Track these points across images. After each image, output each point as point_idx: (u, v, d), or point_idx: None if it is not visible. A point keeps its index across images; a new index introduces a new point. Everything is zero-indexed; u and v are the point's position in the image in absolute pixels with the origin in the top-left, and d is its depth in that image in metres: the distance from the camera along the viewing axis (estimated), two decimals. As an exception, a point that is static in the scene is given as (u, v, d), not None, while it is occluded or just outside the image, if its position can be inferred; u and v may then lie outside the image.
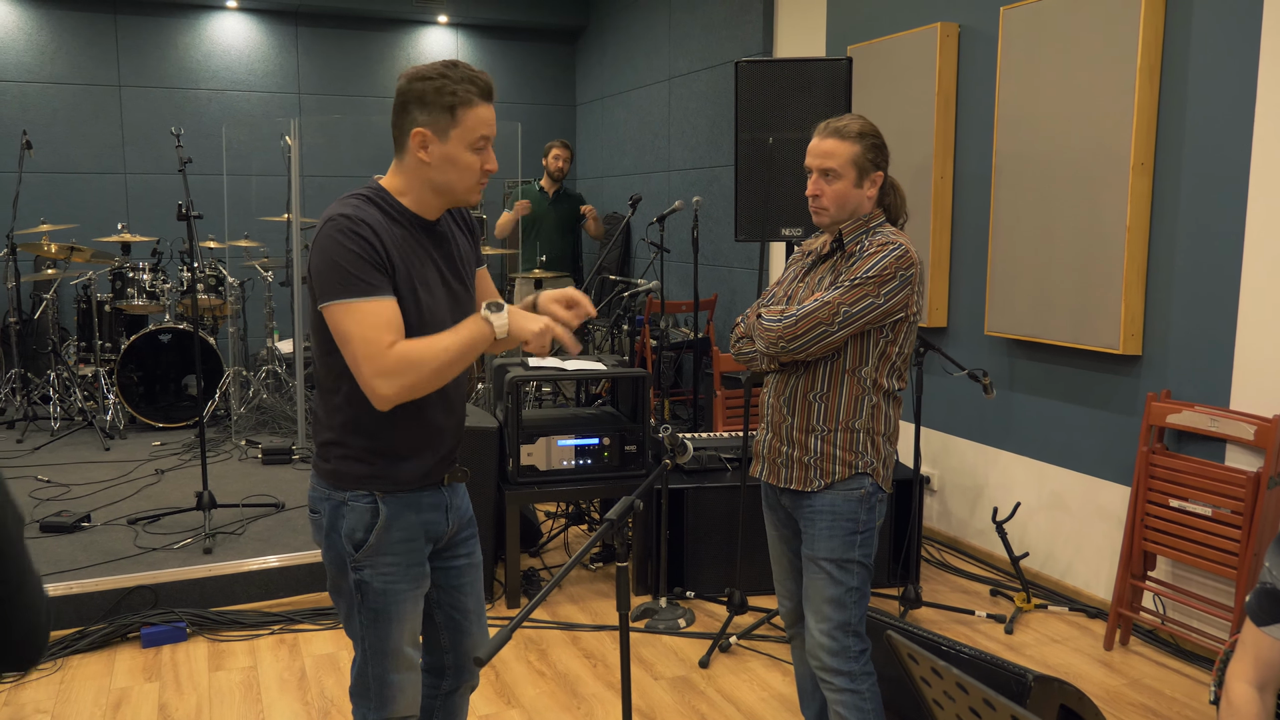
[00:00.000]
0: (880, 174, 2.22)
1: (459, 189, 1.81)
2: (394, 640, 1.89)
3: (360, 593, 1.86)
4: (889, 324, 2.16)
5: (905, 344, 2.21)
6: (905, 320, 2.18)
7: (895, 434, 2.27)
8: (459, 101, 1.75)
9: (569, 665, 3.26)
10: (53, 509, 4.24)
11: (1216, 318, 3.24)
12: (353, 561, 1.85)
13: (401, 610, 1.88)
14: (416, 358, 1.70)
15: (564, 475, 3.75)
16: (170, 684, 3.10)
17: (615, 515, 1.73)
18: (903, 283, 2.13)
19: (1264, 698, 1.52)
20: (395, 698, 1.92)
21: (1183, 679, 3.17)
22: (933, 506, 4.52)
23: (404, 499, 1.87)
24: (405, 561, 1.87)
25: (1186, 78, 3.30)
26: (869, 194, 2.21)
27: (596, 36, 8.03)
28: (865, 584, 2.24)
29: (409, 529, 1.88)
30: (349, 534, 1.85)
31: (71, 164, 7.13)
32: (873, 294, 2.11)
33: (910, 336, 2.22)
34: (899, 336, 2.18)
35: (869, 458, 2.20)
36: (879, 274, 2.11)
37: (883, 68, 4.54)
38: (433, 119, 1.76)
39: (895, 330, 2.17)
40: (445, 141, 1.77)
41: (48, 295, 5.98)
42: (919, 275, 2.17)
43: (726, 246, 6.14)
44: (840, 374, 2.20)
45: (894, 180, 2.28)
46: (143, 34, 7.22)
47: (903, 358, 2.22)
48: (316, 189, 7.60)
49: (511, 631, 1.42)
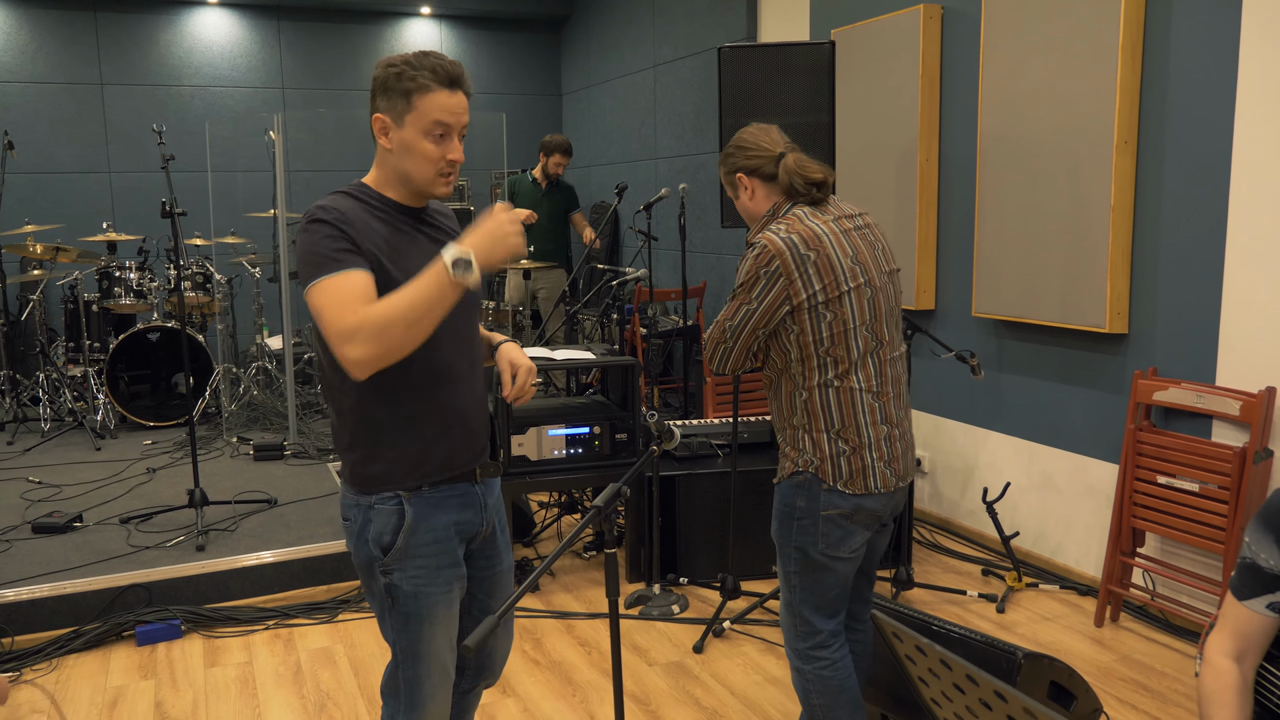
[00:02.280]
0: (740, 175, 2.23)
1: (418, 178, 1.80)
2: (426, 643, 1.86)
3: (391, 596, 1.84)
4: (787, 318, 2.11)
5: (821, 330, 2.10)
6: (801, 309, 2.09)
7: (852, 426, 2.13)
8: (415, 88, 1.74)
9: (564, 653, 3.27)
10: (44, 510, 4.23)
11: (1201, 295, 3.26)
12: (381, 565, 1.83)
13: (434, 613, 1.86)
14: (378, 316, 1.64)
15: (556, 465, 3.76)
16: (166, 681, 3.11)
17: (602, 502, 1.74)
18: (769, 280, 2.09)
19: (1241, 668, 1.55)
20: (425, 701, 1.89)
21: (1172, 654, 3.20)
22: (923, 488, 4.54)
23: (431, 499, 1.85)
24: (435, 564, 1.85)
25: (1168, 56, 3.31)
26: (748, 199, 2.24)
27: (581, 25, 8.00)
28: (806, 571, 2.20)
29: (437, 530, 1.85)
30: (376, 538, 1.83)
31: (55, 164, 7.09)
32: (745, 301, 2.12)
33: (825, 321, 2.10)
34: (805, 326, 2.10)
35: (809, 455, 2.15)
36: (745, 281, 2.12)
37: (866, 51, 4.53)
38: (390, 104, 1.76)
39: (797, 321, 2.10)
40: (401, 127, 1.77)
41: (34, 296, 5.95)
42: (796, 259, 2.08)
43: (714, 233, 6.14)
44: (777, 374, 2.20)
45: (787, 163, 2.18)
46: (123, 31, 7.17)
47: (828, 346, 2.11)
48: (302, 184, 7.58)
49: (499, 618, 1.43)
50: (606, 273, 6.02)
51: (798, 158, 2.19)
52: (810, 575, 2.20)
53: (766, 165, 2.20)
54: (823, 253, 2.10)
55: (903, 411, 2.23)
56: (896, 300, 2.24)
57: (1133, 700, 2.92)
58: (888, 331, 2.18)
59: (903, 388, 2.24)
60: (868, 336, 2.13)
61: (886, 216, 4.50)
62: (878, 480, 2.14)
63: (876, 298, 2.15)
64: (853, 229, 2.19)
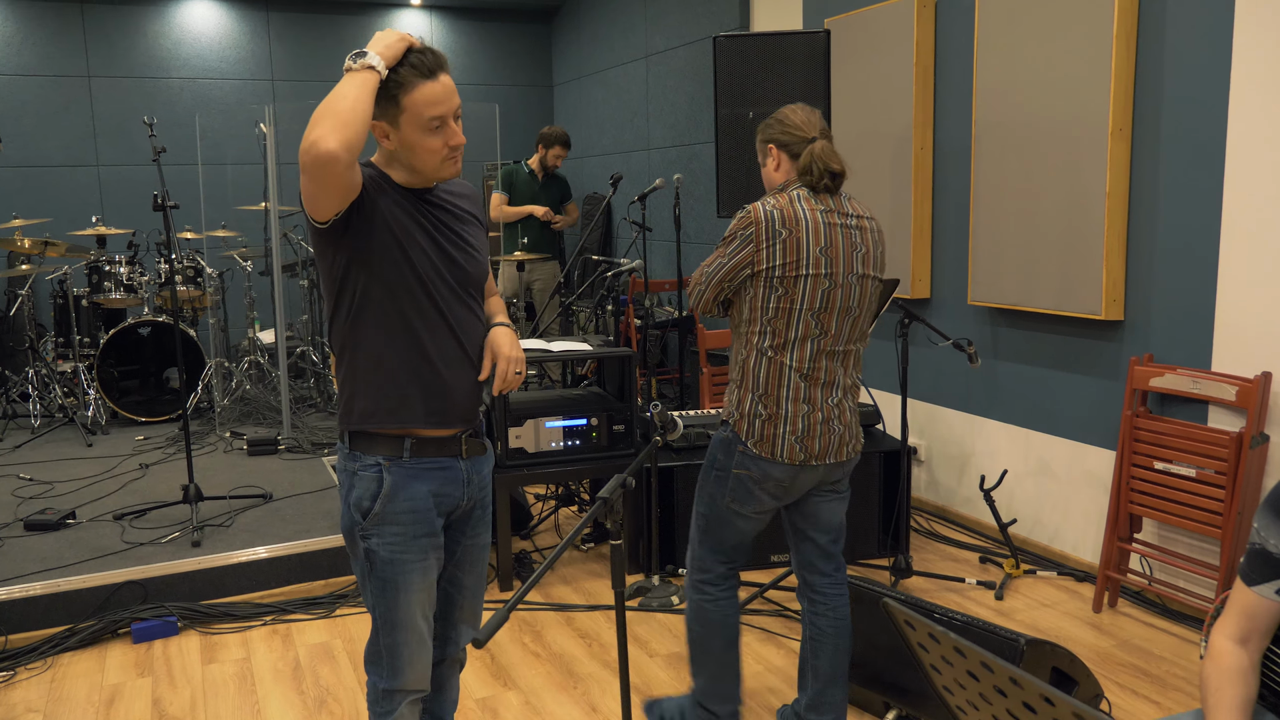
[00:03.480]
0: (771, 145, 2.42)
1: (428, 170, 1.85)
2: (403, 610, 1.93)
3: (369, 561, 1.91)
4: (748, 280, 2.31)
5: (770, 301, 2.29)
6: (759, 276, 2.29)
7: (773, 396, 2.32)
8: (400, 90, 1.77)
9: (564, 646, 3.27)
10: (36, 507, 4.20)
11: (1197, 281, 3.26)
12: (360, 530, 1.91)
13: (409, 580, 1.92)
14: (322, 105, 1.68)
15: (553, 456, 3.74)
16: (163, 678, 3.09)
17: (607, 493, 1.73)
18: (743, 241, 2.31)
19: (1247, 650, 1.55)
20: (404, 669, 1.97)
21: (1171, 638, 3.22)
22: (920, 477, 4.54)
23: (410, 469, 1.90)
24: (412, 532, 1.91)
25: (1162, 42, 3.30)
26: (773, 168, 2.44)
27: (572, 16, 7.96)
28: (712, 515, 2.46)
29: (416, 500, 1.91)
30: (357, 503, 1.90)
31: (42, 157, 7.03)
32: (721, 254, 2.35)
33: (776, 294, 2.29)
34: (758, 292, 2.31)
35: (733, 409, 2.40)
36: (727, 235, 2.35)
37: (860, 40, 4.52)
38: (382, 111, 1.80)
39: (753, 285, 2.31)
40: (399, 129, 1.81)
41: (23, 291, 5.90)
42: (768, 232, 2.27)
43: (709, 223, 6.12)
44: (734, 331, 2.44)
45: (814, 148, 2.34)
46: (110, 23, 7.10)
47: (771, 317, 2.30)
48: (293, 176, 7.52)
49: (508, 612, 1.42)
50: (601, 264, 6.01)
51: (825, 145, 2.35)
52: (714, 520, 2.47)
53: (796, 144, 2.38)
54: (795, 234, 2.28)
55: (834, 400, 2.37)
56: (861, 303, 2.38)
57: (1132, 685, 2.93)
58: (836, 325, 2.34)
59: (838, 377, 2.38)
60: (810, 322, 2.31)
61: (882, 205, 4.50)
62: (785, 451, 2.33)
63: (834, 292, 2.32)
64: (840, 225, 2.34)
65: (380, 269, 1.83)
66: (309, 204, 1.75)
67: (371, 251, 1.82)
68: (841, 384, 2.39)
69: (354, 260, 1.83)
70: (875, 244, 2.41)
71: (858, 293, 2.36)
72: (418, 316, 1.87)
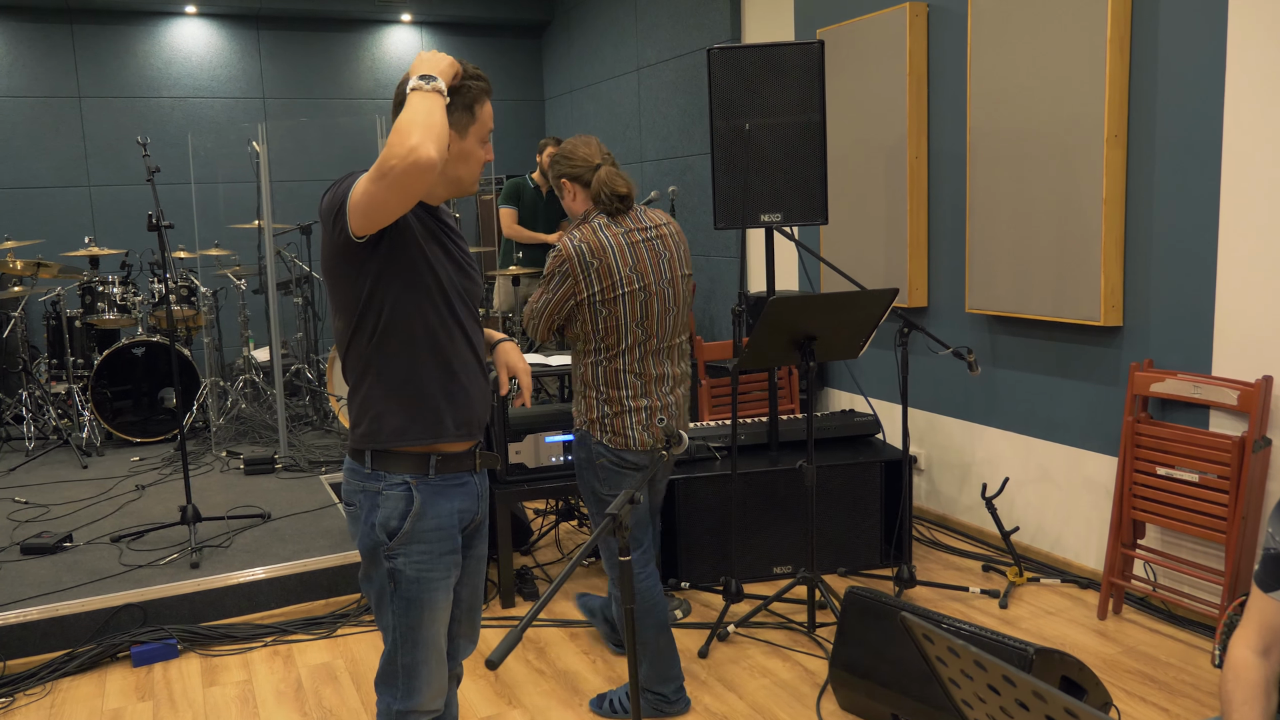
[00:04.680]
0: (564, 180, 2.67)
1: (467, 181, 1.93)
2: (426, 629, 1.93)
3: (393, 581, 1.90)
4: (574, 308, 2.61)
5: (598, 322, 2.60)
6: (583, 304, 2.59)
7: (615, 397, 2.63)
8: (475, 100, 1.86)
9: (569, 662, 3.24)
10: (33, 530, 4.16)
11: (1195, 285, 3.27)
12: (386, 550, 1.89)
13: (435, 598, 1.92)
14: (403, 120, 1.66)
15: (553, 472, 3.73)
16: (164, 702, 3.06)
17: (616, 509, 1.71)
18: (561, 277, 2.59)
19: (1268, 661, 1.54)
20: (422, 689, 1.95)
21: (1176, 644, 3.21)
22: (921, 485, 4.53)
23: (437, 486, 1.91)
24: (438, 550, 1.91)
25: (1156, 48, 3.32)
26: (571, 200, 2.69)
27: (562, 30, 7.97)
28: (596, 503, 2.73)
29: (442, 517, 1.91)
30: (383, 522, 1.88)
31: (34, 178, 7.00)
32: (545, 291, 2.64)
33: (601, 316, 2.59)
34: (585, 316, 2.61)
35: (583, 414, 2.70)
36: (546, 274, 2.63)
37: (852, 50, 4.53)
38: (455, 120, 1.85)
39: (580, 312, 2.61)
40: (464, 139, 1.87)
41: (15, 313, 5.86)
42: (581, 265, 2.56)
43: (704, 235, 6.13)
44: (572, 349, 2.73)
45: (600, 175, 2.61)
46: (101, 43, 7.09)
47: (602, 334, 2.60)
48: (286, 194, 7.51)
49: (521, 633, 1.41)
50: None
51: (609, 171, 2.62)
52: (602, 507, 2.72)
53: (585, 174, 2.64)
54: (605, 261, 2.57)
55: (668, 389, 2.70)
56: (677, 300, 2.70)
57: (1140, 692, 2.91)
58: (658, 326, 2.66)
59: (667, 370, 2.70)
60: (637, 331, 2.63)
61: (877, 214, 4.50)
62: (636, 440, 2.65)
63: (650, 301, 2.63)
64: (641, 240, 2.64)
65: (409, 284, 1.85)
66: (366, 217, 1.72)
67: (401, 266, 1.84)
68: (672, 375, 2.71)
69: (382, 276, 1.83)
70: (677, 245, 2.72)
71: (672, 294, 2.67)
72: (442, 330, 1.89)
